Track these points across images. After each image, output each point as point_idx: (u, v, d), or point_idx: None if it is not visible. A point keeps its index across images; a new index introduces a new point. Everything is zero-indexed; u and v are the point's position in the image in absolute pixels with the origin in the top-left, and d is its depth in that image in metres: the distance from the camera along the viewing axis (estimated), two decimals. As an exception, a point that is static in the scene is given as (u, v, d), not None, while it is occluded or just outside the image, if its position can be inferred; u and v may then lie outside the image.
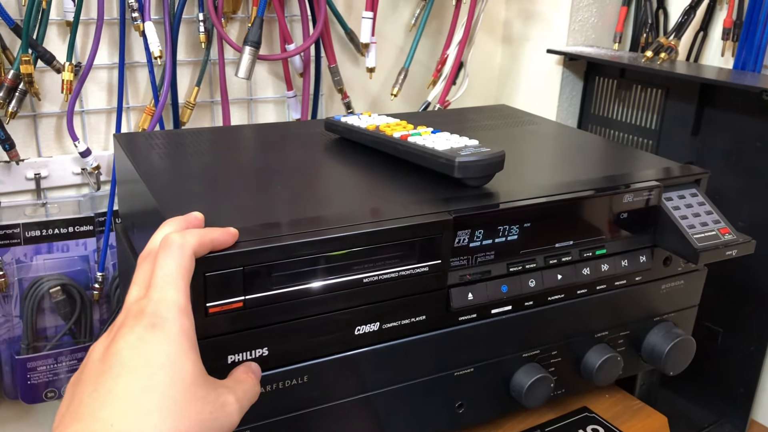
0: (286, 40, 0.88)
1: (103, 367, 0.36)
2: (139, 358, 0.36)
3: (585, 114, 1.04)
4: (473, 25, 0.95)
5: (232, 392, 0.40)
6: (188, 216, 0.44)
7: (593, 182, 0.58)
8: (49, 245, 0.83)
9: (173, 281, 0.39)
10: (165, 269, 0.39)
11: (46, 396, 0.85)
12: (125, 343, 0.36)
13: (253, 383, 0.43)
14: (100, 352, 0.37)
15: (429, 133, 0.59)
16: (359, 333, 0.49)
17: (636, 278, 0.60)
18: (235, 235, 0.43)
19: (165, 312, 0.37)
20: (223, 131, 0.75)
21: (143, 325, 0.37)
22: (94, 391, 0.35)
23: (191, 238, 0.40)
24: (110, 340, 0.38)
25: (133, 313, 0.38)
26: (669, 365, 0.62)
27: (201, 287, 0.42)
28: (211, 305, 0.43)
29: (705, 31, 0.94)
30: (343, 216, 0.48)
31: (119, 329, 0.38)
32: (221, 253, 0.42)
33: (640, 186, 0.58)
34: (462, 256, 0.51)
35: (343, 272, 0.46)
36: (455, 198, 0.52)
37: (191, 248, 0.40)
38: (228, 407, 0.39)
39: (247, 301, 0.44)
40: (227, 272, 0.42)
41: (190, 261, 0.40)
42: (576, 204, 0.55)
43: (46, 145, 0.81)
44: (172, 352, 0.37)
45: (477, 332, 0.54)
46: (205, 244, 0.41)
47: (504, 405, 0.58)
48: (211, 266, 0.42)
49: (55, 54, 0.75)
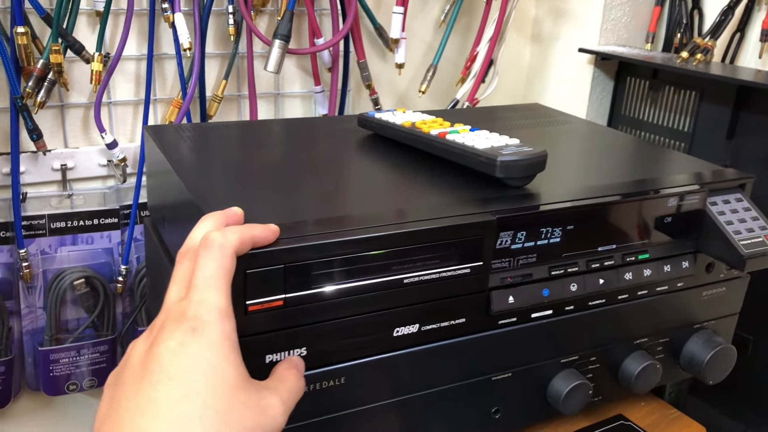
0: (315, 34, 0.87)
1: (142, 373, 0.35)
2: (179, 365, 0.35)
3: (615, 115, 1.02)
4: (504, 22, 0.94)
5: (276, 393, 0.39)
6: (228, 211, 0.43)
7: (636, 185, 0.57)
8: (73, 237, 0.82)
9: (214, 282, 0.37)
10: (205, 270, 0.38)
11: (68, 388, 0.85)
12: (165, 348, 0.36)
13: (296, 379, 0.41)
14: (141, 355, 0.37)
15: (467, 131, 0.57)
16: (398, 335, 0.48)
17: (678, 284, 0.59)
18: (277, 232, 0.42)
19: (206, 315, 0.36)
20: (254, 125, 0.74)
21: (183, 329, 0.36)
22: (133, 397, 0.34)
23: (232, 237, 0.39)
24: (150, 343, 0.37)
25: (174, 316, 0.37)
26: (709, 374, 0.60)
27: (241, 285, 0.41)
28: (251, 303, 0.42)
29: (742, 32, 0.92)
30: (384, 214, 0.47)
31: (159, 332, 0.37)
32: (263, 250, 0.41)
33: (686, 190, 0.56)
34: (503, 258, 0.50)
35: (383, 272, 0.45)
36: (495, 198, 0.51)
37: (232, 248, 0.39)
38: (271, 410, 0.37)
39: (288, 299, 0.43)
40: (268, 270, 0.41)
41: (231, 261, 0.39)
42: (620, 207, 0.54)
43: (73, 136, 0.81)
44: (213, 358, 0.36)
45: (516, 336, 0.53)
46: (246, 242, 0.40)
47: (540, 411, 0.57)
48: (252, 263, 0.41)
49: (84, 44, 0.75)
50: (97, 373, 0.86)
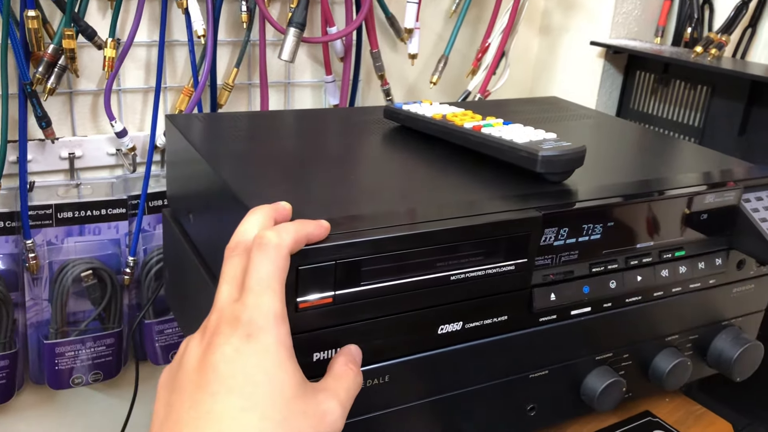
0: (328, 23, 0.85)
1: (200, 381, 0.35)
2: (236, 375, 0.34)
3: (623, 109, 1.02)
4: (518, 14, 0.93)
5: (334, 395, 0.38)
6: (276, 206, 0.41)
7: (670, 181, 0.56)
8: (80, 227, 0.80)
9: (269, 285, 0.36)
10: (260, 271, 0.37)
11: (73, 382, 0.83)
12: (222, 355, 0.35)
13: (354, 375, 0.40)
14: (196, 359, 0.36)
15: (500, 124, 0.57)
16: (442, 332, 0.47)
17: (710, 281, 0.59)
18: (328, 229, 0.41)
19: (261, 320, 0.35)
20: (278, 116, 0.72)
21: (239, 335, 0.35)
22: (191, 408, 0.34)
23: (287, 236, 0.38)
24: (205, 347, 0.36)
25: (228, 319, 0.36)
26: (737, 371, 0.60)
27: (293, 281, 0.40)
28: (302, 300, 0.41)
29: (754, 27, 0.92)
30: (428, 210, 0.46)
31: (214, 335, 0.36)
32: (315, 246, 0.40)
33: (722, 186, 0.56)
34: (546, 255, 0.49)
35: (431, 269, 0.44)
36: (535, 194, 0.50)
37: (288, 247, 0.38)
38: (329, 416, 0.37)
39: (337, 296, 0.42)
40: (319, 266, 0.40)
41: (285, 261, 0.37)
42: (659, 204, 0.53)
43: (81, 124, 0.78)
44: (269, 367, 0.35)
45: (555, 334, 0.52)
46: (301, 240, 0.39)
47: (573, 408, 0.56)
48: (305, 259, 0.40)
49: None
50: (102, 367, 0.84)
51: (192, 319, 0.61)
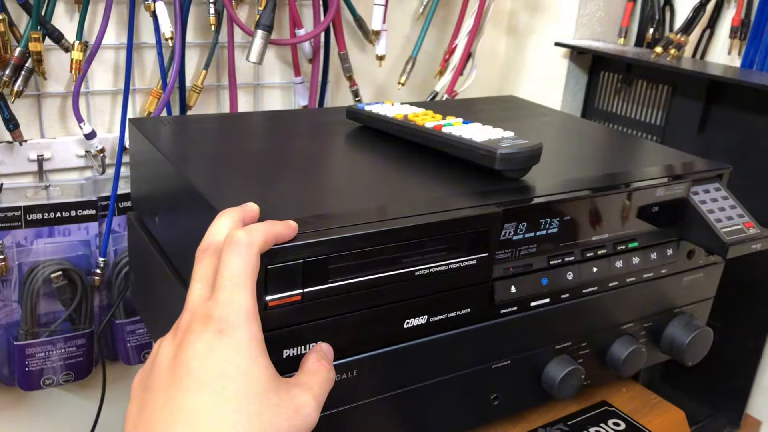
0: (296, 25, 0.87)
1: (172, 378, 0.35)
2: (209, 370, 0.35)
3: (588, 108, 1.04)
4: (483, 15, 0.95)
5: (308, 390, 0.39)
6: (244, 207, 0.43)
7: (624, 176, 0.59)
8: (50, 229, 0.81)
9: (240, 282, 0.37)
10: (231, 269, 0.37)
11: (44, 383, 0.83)
12: (194, 352, 0.35)
13: (327, 371, 0.41)
14: (169, 358, 0.36)
15: (460, 123, 0.58)
16: (408, 326, 0.49)
17: (662, 271, 0.61)
18: (296, 229, 0.42)
19: (233, 317, 0.36)
20: (247, 118, 0.74)
21: (211, 332, 0.36)
22: (164, 405, 0.34)
23: (257, 236, 0.39)
24: (177, 345, 0.36)
25: (200, 317, 0.37)
26: (689, 356, 0.63)
27: (262, 280, 0.41)
28: (271, 299, 0.42)
29: (712, 28, 0.95)
30: (393, 208, 0.48)
31: (186, 333, 0.36)
32: (284, 245, 0.41)
33: (672, 180, 0.59)
34: (506, 249, 0.51)
35: (397, 265, 0.46)
36: (495, 191, 0.52)
37: (258, 246, 0.39)
38: (304, 409, 0.37)
39: (305, 294, 0.43)
40: (288, 265, 0.41)
41: (256, 259, 0.38)
42: (613, 197, 0.56)
43: (50, 126, 0.79)
44: (242, 362, 0.35)
45: (516, 325, 0.54)
46: (270, 240, 0.40)
47: (535, 396, 0.58)
48: (273, 259, 0.41)
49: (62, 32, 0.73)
50: (73, 367, 0.84)
51: (160, 322, 0.62)
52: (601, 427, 0.60)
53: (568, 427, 0.59)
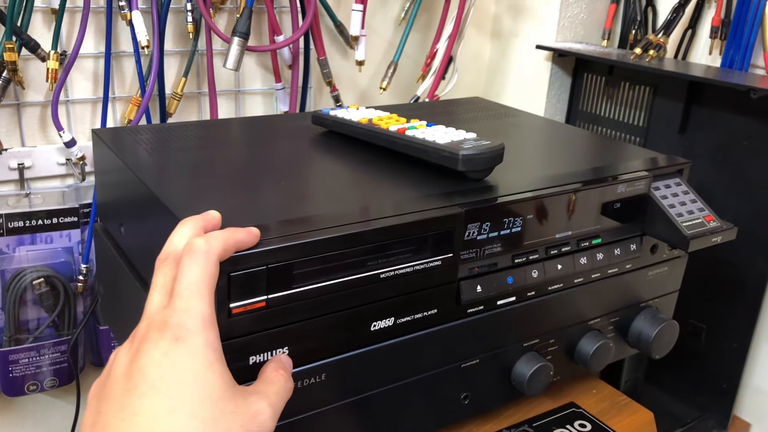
0: (275, 32, 0.87)
1: (128, 385, 0.35)
2: (164, 377, 0.35)
3: (573, 110, 1.04)
4: (463, 20, 0.95)
5: (265, 397, 0.39)
6: (206, 215, 0.43)
7: (586, 173, 0.59)
8: (32, 236, 0.82)
9: (197, 290, 0.37)
10: (189, 277, 0.37)
11: (28, 389, 0.84)
12: (149, 359, 0.35)
13: (284, 380, 0.41)
14: (124, 366, 0.36)
15: (424, 126, 0.59)
16: (375, 329, 0.49)
17: (626, 266, 0.62)
18: (258, 236, 0.42)
19: (189, 323, 0.36)
20: (211, 125, 0.74)
21: (167, 339, 0.36)
22: (119, 412, 0.34)
23: (216, 243, 0.39)
24: (134, 353, 0.36)
25: (157, 325, 0.36)
26: (655, 349, 0.63)
27: (225, 288, 0.41)
28: (235, 306, 0.42)
29: (693, 29, 0.95)
30: (356, 212, 0.48)
31: (142, 341, 0.36)
32: (246, 252, 0.41)
33: (633, 176, 0.59)
34: (470, 249, 0.51)
35: (362, 268, 0.46)
36: (458, 192, 0.52)
37: (216, 254, 0.39)
38: (260, 416, 0.37)
39: (270, 300, 0.43)
40: (252, 271, 0.42)
41: (215, 267, 0.38)
42: (576, 195, 0.56)
43: (30, 135, 0.80)
44: (197, 368, 0.35)
45: (483, 324, 0.55)
46: (230, 247, 0.40)
47: (505, 394, 0.59)
48: (236, 266, 0.41)
49: (40, 42, 0.74)
50: (58, 373, 0.85)
51: (128, 333, 0.62)
52: (567, 429, 0.60)
53: (533, 428, 0.59)
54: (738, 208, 0.85)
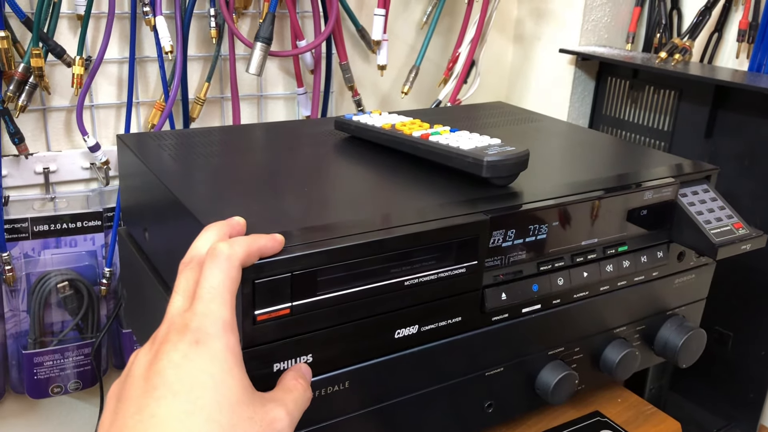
0: (297, 37, 0.87)
1: (146, 387, 0.35)
2: (183, 379, 0.35)
3: (596, 114, 1.03)
4: (485, 24, 0.95)
5: (283, 405, 0.39)
6: (230, 221, 0.43)
7: (612, 180, 0.58)
8: (57, 240, 0.82)
9: (219, 294, 0.37)
10: (211, 281, 0.37)
11: (52, 391, 0.85)
12: (169, 361, 0.35)
13: (303, 390, 0.41)
14: (144, 368, 0.36)
15: (447, 131, 0.58)
16: (399, 336, 0.49)
17: (653, 273, 0.61)
18: (282, 242, 0.42)
19: (210, 327, 0.36)
20: (235, 131, 0.74)
21: (187, 342, 0.36)
22: (137, 413, 0.34)
23: (239, 249, 0.39)
24: (153, 355, 0.36)
25: (177, 327, 0.37)
26: (682, 358, 0.62)
27: (249, 295, 0.41)
28: (260, 313, 0.42)
29: (720, 32, 0.93)
30: (380, 218, 0.48)
31: (162, 344, 0.36)
32: (270, 259, 0.41)
33: (660, 183, 0.58)
34: (495, 257, 0.51)
35: (385, 275, 0.46)
36: (483, 198, 0.52)
37: (239, 259, 0.39)
38: (277, 424, 0.37)
39: (294, 307, 0.43)
40: (276, 279, 0.41)
41: (237, 272, 0.38)
42: (601, 202, 0.55)
43: (56, 140, 0.81)
44: (216, 372, 0.35)
45: (508, 332, 0.54)
46: (253, 253, 0.40)
47: (529, 403, 0.58)
48: (260, 273, 0.41)
49: (66, 48, 0.75)
50: (81, 376, 0.86)
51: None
52: (592, 438, 0.59)
53: (558, 437, 0.59)
54: (765, 213, 0.83)
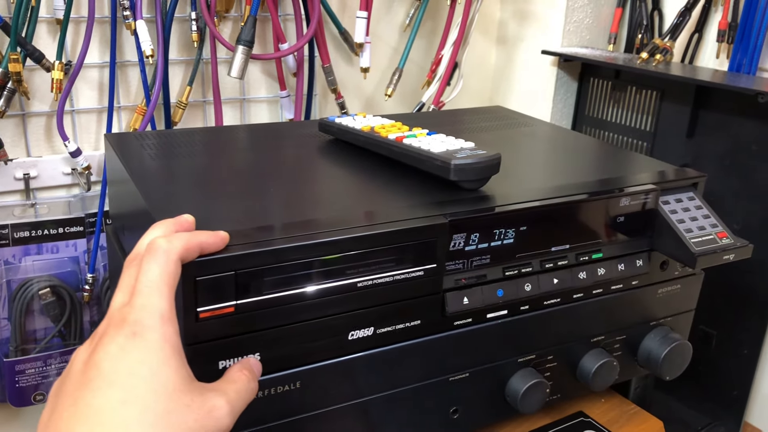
0: (280, 40, 0.87)
1: (83, 379, 0.35)
2: (119, 370, 0.35)
3: (579, 115, 1.04)
4: (468, 26, 0.95)
5: (223, 395, 0.38)
6: (178, 218, 0.43)
7: (590, 185, 0.58)
8: (38, 246, 0.82)
9: (157, 287, 0.37)
10: (149, 275, 0.38)
11: (35, 399, 0.84)
12: (105, 353, 0.35)
13: (247, 381, 0.41)
14: (82, 362, 0.36)
15: (424, 134, 0.58)
16: (353, 338, 0.48)
17: (632, 282, 0.60)
18: (225, 239, 0.42)
19: (147, 320, 0.36)
20: (215, 132, 0.74)
21: (125, 334, 0.36)
22: (72, 405, 0.34)
23: (177, 243, 0.39)
24: (92, 349, 0.36)
25: (116, 321, 0.37)
26: (665, 370, 0.61)
27: (192, 292, 0.41)
28: (202, 310, 0.42)
29: (700, 32, 0.94)
30: (338, 219, 0.48)
31: (101, 338, 0.37)
32: (212, 257, 0.41)
33: (638, 189, 0.57)
34: (457, 260, 0.50)
35: (336, 276, 0.46)
36: (451, 201, 0.52)
37: (177, 253, 0.39)
38: (216, 412, 0.37)
39: (239, 305, 0.43)
40: (218, 276, 0.42)
41: (176, 266, 0.39)
42: (572, 207, 0.55)
43: (36, 145, 0.80)
44: (153, 362, 0.35)
45: (472, 337, 0.53)
46: (193, 248, 0.40)
47: (499, 410, 0.57)
48: (201, 270, 0.41)
49: (45, 52, 0.74)
50: (65, 383, 0.85)
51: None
52: (576, 439, 0.59)
53: (542, 438, 0.59)
54: (747, 213, 0.84)
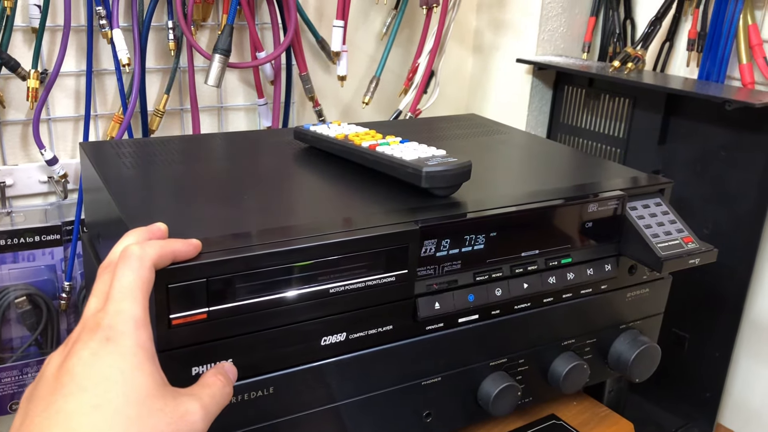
0: (257, 48, 0.88)
1: (55, 385, 0.35)
2: (91, 375, 0.35)
3: (554, 123, 1.05)
4: (444, 34, 0.96)
5: (197, 399, 0.39)
6: (151, 227, 0.44)
7: (559, 192, 0.59)
8: (14, 255, 0.81)
9: (131, 293, 0.38)
10: (122, 281, 0.38)
11: (11, 408, 0.84)
12: (78, 359, 0.35)
13: (221, 386, 0.41)
14: (55, 367, 0.36)
15: (397, 142, 0.59)
16: (325, 344, 0.49)
17: (601, 286, 0.61)
18: (198, 247, 0.43)
19: (120, 325, 0.37)
20: (191, 140, 0.74)
21: (98, 340, 0.36)
22: (44, 410, 0.34)
23: (151, 250, 0.40)
24: (65, 355, 0.37)
25: (89, 327, 0.37)
26: (635, 372, 0.62)
27: (164, 299, 0.41)
28: (175, 317, 0.42)
29: (671, 41, 0.96)
30: (309, 226, 0.48)
31: (74, 343, 0.37)
32: (184, 264, 0.42)
33: (605, 196, 0.59)
34: (429, 266, 0.51)
35: (308, 283, 0.46)
36: (422, 208, 0.53)
37: (150, 260, 0.39)
38: (189, 416, 0.37)
39: (211, 312, 0.43)
40: (190, 284, 0.42)
41: (149, 273, 0.39)
42: (542, 213, 0.56)
43: (12, 153, 0.80)
44: (126, 367, 0.36)
45: (444, 341, 0.54)
46: (166, 255, 0.41)
47: (471, 414, 0.58)
48: (173, 278, 0.41)
49: (21, 61, 0.74)
50: (41, 392, 0.85)
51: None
52: (547, 441, 0.60)
53: (514, 441, 0.60)
54: (717, 217, 0.86)
